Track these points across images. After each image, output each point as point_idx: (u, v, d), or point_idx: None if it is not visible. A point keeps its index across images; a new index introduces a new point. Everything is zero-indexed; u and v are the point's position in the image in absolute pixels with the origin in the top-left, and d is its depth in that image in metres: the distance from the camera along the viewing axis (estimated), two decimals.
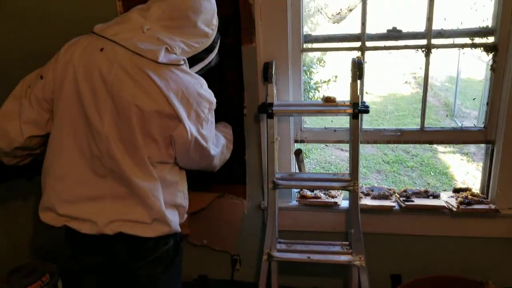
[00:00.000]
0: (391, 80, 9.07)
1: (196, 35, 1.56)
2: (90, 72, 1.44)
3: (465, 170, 5.43)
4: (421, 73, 2.06)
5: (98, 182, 1.50)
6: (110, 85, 1.43)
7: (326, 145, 6.29)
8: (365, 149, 6.22)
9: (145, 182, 1.48)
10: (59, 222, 1.53)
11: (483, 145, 2.15)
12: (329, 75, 4.45)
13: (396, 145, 6.33)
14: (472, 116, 6.76)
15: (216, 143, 1.69)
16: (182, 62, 1.49)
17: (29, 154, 1.68)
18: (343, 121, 2.15)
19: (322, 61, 4.36)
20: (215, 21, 1.64)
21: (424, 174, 5.54)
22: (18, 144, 1.57)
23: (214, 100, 1.59)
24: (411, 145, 6.28)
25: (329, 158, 6.06)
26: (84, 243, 1.56)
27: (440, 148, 6.26)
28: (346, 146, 6.39)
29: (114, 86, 1.43)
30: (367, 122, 6.94)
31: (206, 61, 1.65)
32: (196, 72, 1.60)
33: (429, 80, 2.02)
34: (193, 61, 1.58)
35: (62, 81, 1.48)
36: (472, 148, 6.08)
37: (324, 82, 4.43)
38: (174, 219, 1.57)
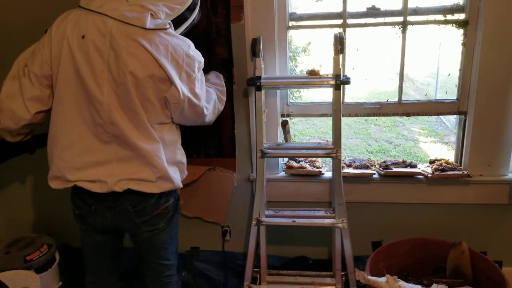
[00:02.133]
0: (375, 76, 9.25)
1: None
2: (85, 45, 1.53)
3: (446, 159, 5.61)
4: (405, 69, 2.19)
5: (103, 148, 1.60)
6: (106, 56, 1.52)
7: (311, 136, 6.42)
8: (349, 140, 6.38)
9: (148, 145, 1.60)
10: (69, 185, 1.63)
11: None
12: (314, 64, 4.60)
13: (379, 136, 6.50)
14: (451, 98, 6.92)
15: (207, 99, 1.77)
16: (168, 26, 1.58)
17: (32, 130, 1.76)
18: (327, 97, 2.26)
19: (308, 51, 4.51)
20: None
21: None
22: (26, 121, 1.64)
23: (202, 59, 1.70)
24: (393, 135, 6.45)
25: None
26: (93, 201, 1.66)
27: (421, 138, 6.46)
28: (330, 137, 6.52)
29: (109, 57, 1.52)
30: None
31: (190, 20, 1.72)
32: (182, 32, 1.70)
33: (411, 75, 2.15)
34: (177, 22, 1.66)
35: (59, 56, 1.56)
36: (452, 137, 6.27)
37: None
38: (176, 176, 1.69)
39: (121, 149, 1.60)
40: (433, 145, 6.23)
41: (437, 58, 7.55)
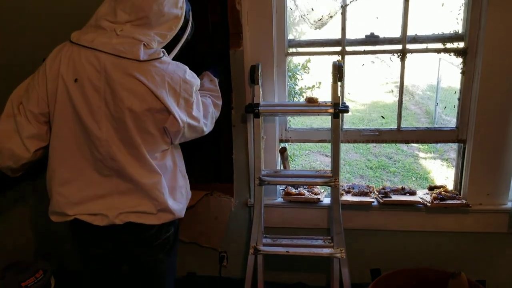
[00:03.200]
0: (374, 89, 9.29)
1: (167, 21, 1.59)
2: (81, 82, 1.51)
3: (445, 175, 5.60)
4: (403, 81, 2.19)
5: (104, 182, 1.59)
6: (102, 92, 1.51)
7: (311, 150, 6.42)
8: (348, 155, 6.37)
9: (149, 179, 1.58)
10: (69, 218, 1.61)
11: None
12: (313, 81, 4.59)
13: (379, 151, 6.49)
14: (452, 123, 6.94)
15: (205, 113, 1.74)
16: (162, 54, 1.56)
17: (34, 164, 1.73)
18: (325, 123, 2.26)
19: (307, 68, 4.51)
20: None
21: (406, 179, 5.70)
22: (26, 160, 1.61)
23: (198, 81, 1.68)
24: (393, 151, 6.45)
25: (314, 164, 6.18)
26: (93, 233, 1.64)
27: (421, 154, 6.45)
28: (330, 152, 6.53)
29: (106, 93, 1.50)
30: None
31: (183, 39, 1.69)
32: (177, 51, 1.68)
33: (411, 88, 2.16)
34: (171, 44, 1.64)
35: (55, 94, 1.54)
36: (452, 154, 6.26)
37: (309, 88, 4.57)
38: (177, 207, 1.68)
39: (122, 182, 1.59)
40: (432, 161, 6.22)
41: (436, 71, 7.58)
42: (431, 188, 2.35)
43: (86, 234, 1.66)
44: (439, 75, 7.44)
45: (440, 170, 5.93)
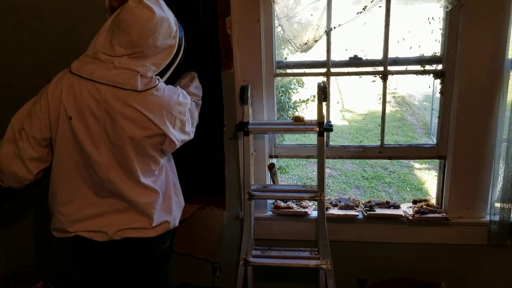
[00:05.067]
0: (371, 100, 9.39)
1: (162, 52, 1.69)
2: (81, 111, 1.61)
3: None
4: (400, 93, 2.30)
5: (102, 202, 1.70)
6: (102, 121, 1.61)
7: (308, 161, 6.52)
8: (345, 166, 6.46)
9: (145, 198, 1.70)
10: (71, 235, 1.72)
11: None
12: (308, 94, 4.71)
13: (375, 162, 6.58)
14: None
15: (192, 121, 1.85)
16: (157, 82, 1.67)
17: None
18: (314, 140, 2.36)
19: (301, 82, 4.63)
20: (174, 26, 1.72)
21: (401, 189, 5.79)
22: (29, 181, 1.71)
23: (189, 99, 1.80)
24: (389, 162, 6.53)
25: (310, 174, 6.28)
26: (93, 248, 1.74)
27: (416, 165, 6.53)
28: (326, 163, 6.63)
29: (105, 121, 1.61)
30: (347, 139, 7.21)
31: (176, 63, 1.79)
32: (169, 75, 1.78)
33: (408, 99, 2.26)
34: (165, 70, 1.73)
35: (56, 121, 1.64)
36: None
37: (303, 101, 4.69)
38: (172, 217, 1.80)
39: (119, 202, 1.70)
40: (427, 172, 6.31)
41: (431, 82, 7.67)
42: (415, 202, 2.45)
43: (86, 249, 1.76)
44: (434, 86, 7.53)
45: (435, 180, 6.01)
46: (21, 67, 2.36)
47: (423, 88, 8.45)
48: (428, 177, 6.12)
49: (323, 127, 2.12)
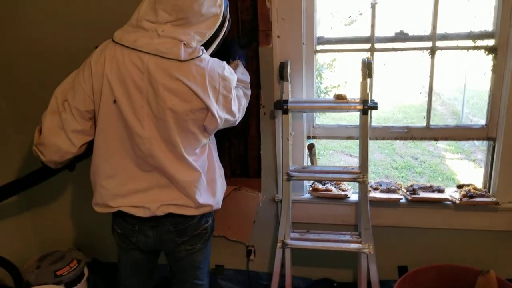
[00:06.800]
0: (400, 89, 9.21)
1: (206, 20, 1.62)
2: (124, 81, 1.56)
3: (472, 175, 5.51)
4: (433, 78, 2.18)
5: (145, 176, 1.66)
6: (145, 92, 1.56)
7: (335, 150, 6.42)
8: (373, 155, 6.33)
9: (187, 177, 1.65)
10: (113, 210, 1.69)
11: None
12: (339, 80, 4.60)
13: (404, 151, 6.44)
14: (480, 123, 6.84)
15: (239, 107, 1.79)
16: (201, 52, 1.60)
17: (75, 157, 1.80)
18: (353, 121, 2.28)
19: (332, 67, 4.52)
20: None
21: (432, 179, 5.64)
22: (72, 155, 1.68)
23: (235, 77, 1.72)
24: (419, 151, 6.39)
25: (338, 163, 6.17)
26: (136, 223, 1.71)
27: (448, 154, 6.36)
28: (354, 152, 6.53)
29: (148, 92, 1.56)
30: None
31: (221, 35, 1.71)
32: (215, 48, 1.71)
33: (438, 89, 2.15)
34: (209, 41, 1.67)
35: (100, 93, 1.60)
36: (479, 154, 6.17)
37: (334, 87, 4.59)
38: (215, 199, 1.75)
39: (162, 177, 1.65)
40: (459, 162, 6.13)
41: (464, 72, 7.47)
42: (460, 186, 2.33)
43: (129, 224, 1.73)
44: (466, 76, 7.33)
45: (467, 170, 5.84)
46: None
47: (453, 78, 8.25)
48: (460, 167, 5.95)
49: (367, 104, 2.02)
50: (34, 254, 2.47)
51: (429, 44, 2.11)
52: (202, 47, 1.63)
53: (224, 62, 1.69)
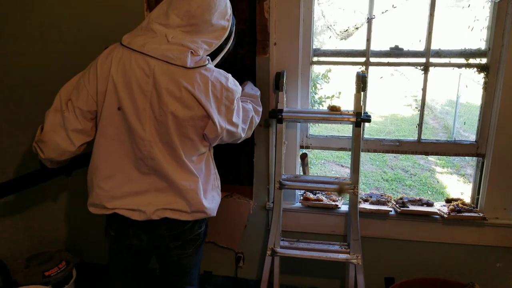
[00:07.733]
0: (393, 102, 9.29)
1: (215, 31, 1.66)
2: (129, 84, 1.58)
3: (461, 190, 5.57)
4: (425, 94, 2.22)
5: (142, 179, 1.66)
6: (149, 95, 1.58)
7: (326, 160, 6.45)
8: (364, 166, 6.37)
9: (186, 181, 1.66)
10: (108, 212, 1.69)
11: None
12: (333, 91, 4.63)
13: (395, 164, 6.49)
14: (470, 139, 6.91)
15: (244, 118, 1.80)
16: (207, 62, 1.63)
17: (72, 159, 1.81)
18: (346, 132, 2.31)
19: (327, 77, 4.56)
20: (229, 10, 1.71)
21: (422, 193, 5.68)
22: (70, 154, 1.69)
23: (239, 89, 1.74)
24: (410, 164, 6.44)
25: (329, 173, 6.21)
26: (130, 226, 1.71)
27: (438, 168, 6.42)
28: (345, 162, 6.59)
29: (152, 96, 1.58)
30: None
31: (226, 49, 1.75)
32: (219, 61, 1.75)
33: (430, 103, 2.19)
34: (215, 54, 1.71)
35: (104, 94, 1.61)
36: (468, 169, 6.23)
37: (328, 97, 4.62)
38: (211, 206, 1.75)
39: (159, 181, 1.66)
40: (449, 177, 6.19)
41: (456, 87, 7.57)
42: (448, 201, 2.37)
43: (123, 227, 1.73)
44: (459, 91, 7.42)
45: (456, 185, 5.90)
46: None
47: (446, 93, 8.35)
48: (450, 182, 6.00)
49: (361, 117, 2.05)
50: (23, 254, 2.46)
51: (423, 60, 2.15)
52: (208, 57, 1.66)
53: (229, 74, 1.71)
